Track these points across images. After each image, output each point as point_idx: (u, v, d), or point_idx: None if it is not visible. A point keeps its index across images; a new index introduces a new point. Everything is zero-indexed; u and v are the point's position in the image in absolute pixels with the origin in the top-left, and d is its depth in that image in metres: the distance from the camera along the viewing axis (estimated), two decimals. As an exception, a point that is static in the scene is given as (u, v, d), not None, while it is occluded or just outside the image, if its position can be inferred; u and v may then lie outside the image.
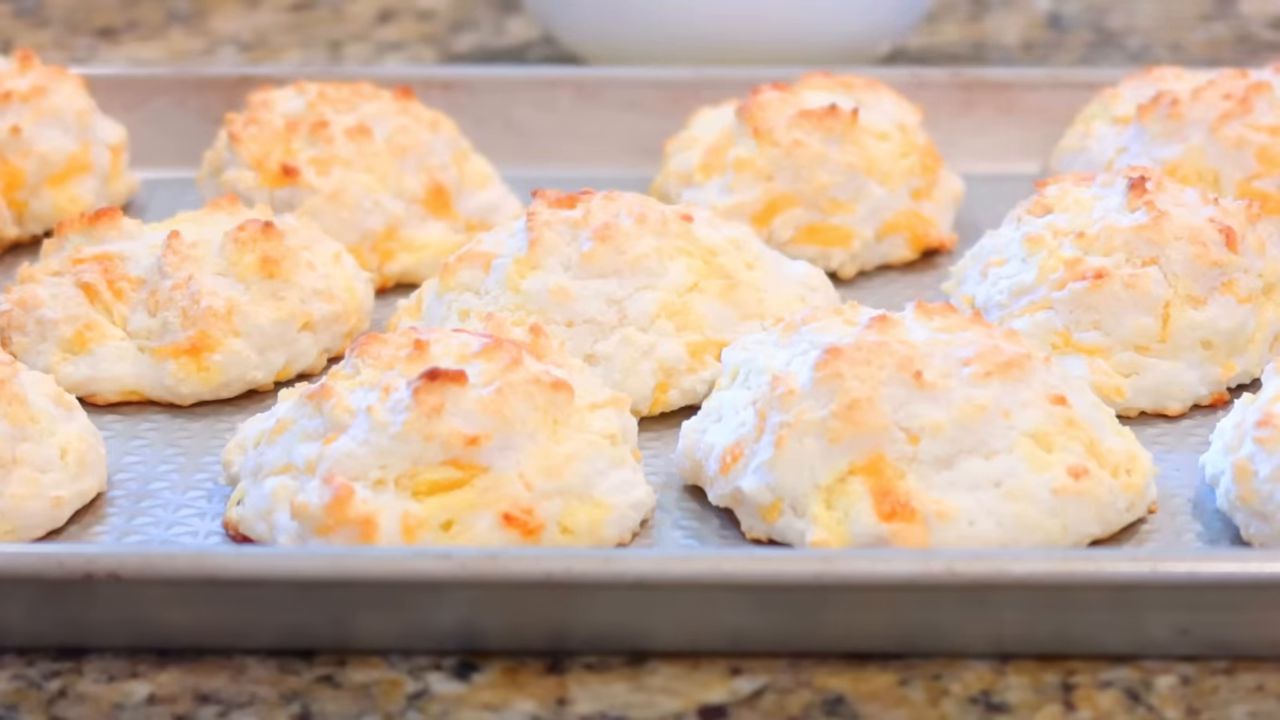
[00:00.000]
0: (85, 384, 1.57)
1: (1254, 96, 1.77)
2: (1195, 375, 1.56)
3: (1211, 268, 1.56)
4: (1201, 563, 1.29)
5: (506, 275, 1.58)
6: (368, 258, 1.74)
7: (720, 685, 1.29)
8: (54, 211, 1.82)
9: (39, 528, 1.41)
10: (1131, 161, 1.79)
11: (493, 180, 1.85)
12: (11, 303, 1.61)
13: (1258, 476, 1.36)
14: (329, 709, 1.28)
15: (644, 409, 1.54)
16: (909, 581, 1.28)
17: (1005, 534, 1.35)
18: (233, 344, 1.57)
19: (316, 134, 1.77)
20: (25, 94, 1.84)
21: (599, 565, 1.29)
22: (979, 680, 1.29)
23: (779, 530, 1.38)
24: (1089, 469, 1.37)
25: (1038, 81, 2.01)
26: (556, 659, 1.31)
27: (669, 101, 1.97)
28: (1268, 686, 1.29)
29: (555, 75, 2.06)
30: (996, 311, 1.59)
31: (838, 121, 1.76)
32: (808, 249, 1.75)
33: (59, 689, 1.30)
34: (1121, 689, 1.29)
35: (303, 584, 1.29)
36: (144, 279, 1.60)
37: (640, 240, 1.58)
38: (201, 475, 1.49)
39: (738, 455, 1.41)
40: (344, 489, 1.34)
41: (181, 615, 1.31)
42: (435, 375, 1.36)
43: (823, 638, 1.31)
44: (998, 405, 1.38)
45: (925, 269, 1.78)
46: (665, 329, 1.56)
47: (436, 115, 1.84)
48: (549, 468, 1.37)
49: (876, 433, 1.36)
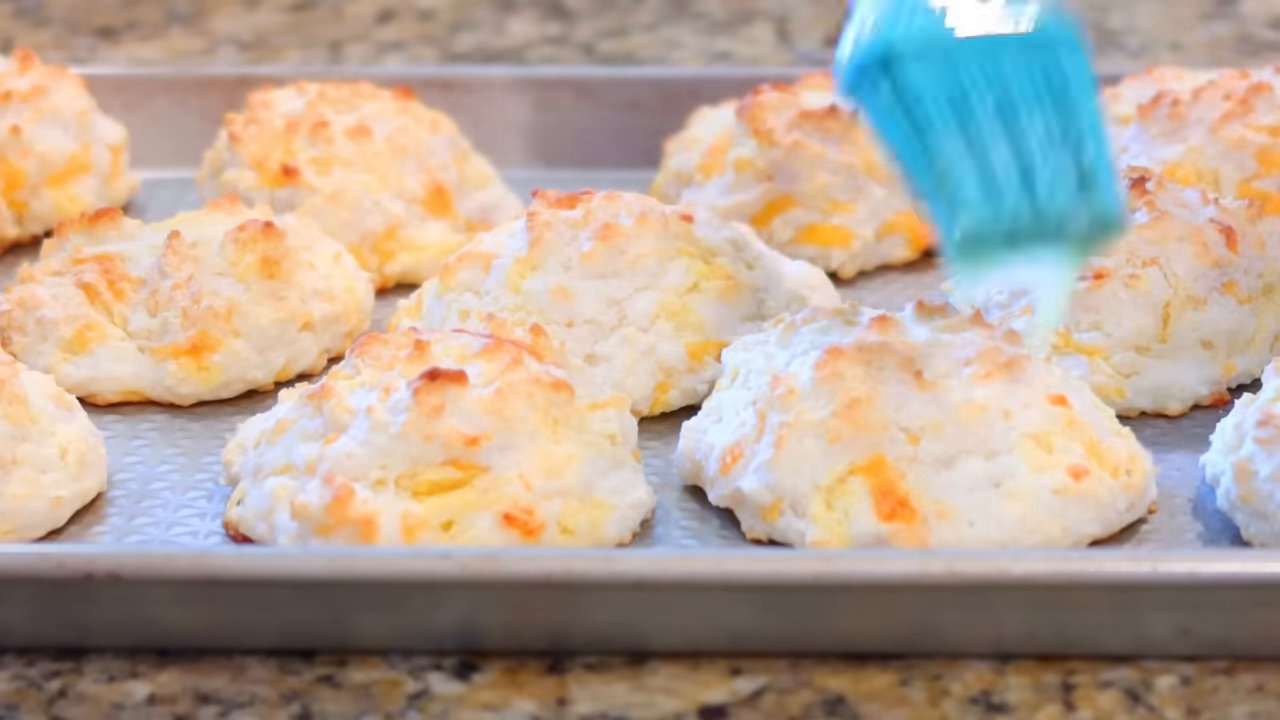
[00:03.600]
0: (85, 384, 1.57)
1: (1254, 96, 1.77)
2: (1195, 375, 1.55)
3: (1211, 268, 1.56)
4: (1201, 563, 1.29)
5: (507, 275, 1.58)
6: (368, 258, 1.74)
7: (720, 685, 1.29)
8: (54, 211, 1.82)
9: (39, 528, 1.41)
10: (1132, 161, 1.78)
11: (493, 180, 1.85)
12: (11, 303, 1.61)
13: (1258, 476, 1.36)
14: (329, 709, 1.28)
15: (644, 409, 1.54)
16: (909, 581, 1.28)
17: (1005, 534, 1.35)
18: (233, 344, 1.57)
19: (316, 134, 1.77)
20: (25, 94, 1.84)
21: (599, 565, 1.29)
22: (979, 680, 1.30)
23: (779, 530, 1.38)
24: (1089, 469, 1.37)
25: (1038, 81, 2.00)
26: (556, 659, 1.31)
27: (669, 101, 1.97)
28: (1268, 686, 1.29)
29: (555, 75, 2.06)
30: (996, 311, 1.59)
31: (838, 122, 1.76)
32: (808, 249, 1.75)
33: (59, 689, 1.30)
34: (1121, 689, 1.29)
35: (303, 584, 1.29)
36: (144, 279, 1.60)
37: (640, 240, 1.58)
38: (201, 475, 1.49)
39: (738, 455, 1.41)
40: (344, 489, 1.34)
41: (181, 615, 1.31)
42: (435, 375, 1.36)
43: (823, 638, 1.31)
44: (998, 405, 1.38)
45: (925, 269, 1.78)
46: (665, 329, 1.56)
47: (436, 115, 1.83)
48: (549, 468, 1.37)
49: (876, 433, 1.36)
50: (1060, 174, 1.31)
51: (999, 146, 1.31)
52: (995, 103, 1.32)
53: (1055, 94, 1.33)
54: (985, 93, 1.32)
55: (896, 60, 1.33)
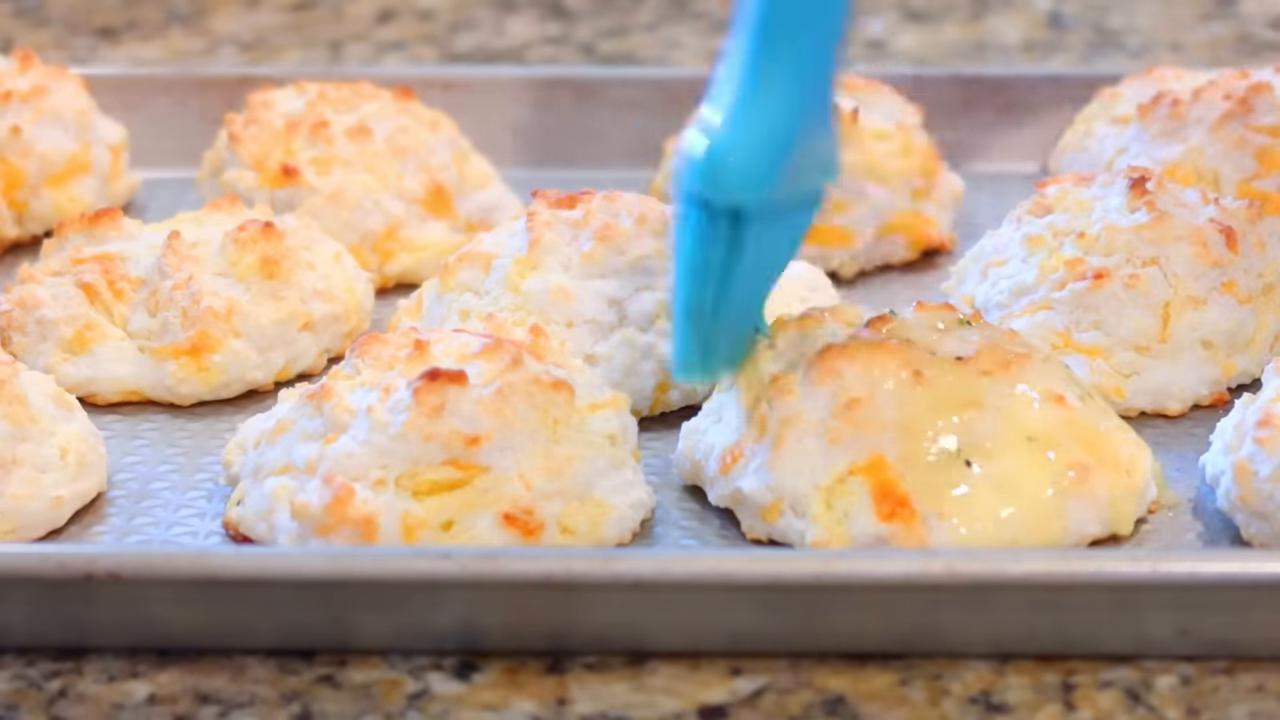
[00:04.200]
0: (85, 384, 1.57)
1: (1254, 96, 1.77)
2: (1195, 375, 1.55)
3: (1211, 268, 1.56)
4: (1201, 563, 1.29)
5: (506, 275, 1.58)
6: (368, 258, 1.74)
7: (720, 685, 1.29)
8: (54, 211, 1.82)
9: (39, 528, 1.41)
10: (1131, 161, 1.79)
11: (493, 180, 1.85)
12: (11, 303, 1.61)
13: (1258, 476, 1.36)
14: (329, 709, 1.28)
15: (644, 409, 1.54)
16: (909, 581, 1.28)
17: (1005, 534, 1.35)
18: (233, 344, 1.57)
19: (316, 134, 1.77)
20: (25, 94, 1.84)
21: (599, 565, 1.29)
22: (979, 680, 1.29)
23: (779, 530, 1.38)
24: (1089, 468, 1.37)
25: (1038, 81, 2.01)
26: (556, 659, 1.31)
27: (669, 101, 1.96)
28: (1268, 686, 1.29)
29: (555, 75, 2.06)
30: (996, 311, 1.59)
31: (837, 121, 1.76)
32: (808, 249, 1.74)
33: (59, 689, 1.30)
34: (1121, 689, 1.29)
35: (303, 584, 1.29)
36: (144, 279, 1.60)
37: (640, 240, 1.58)
38: (201, 475, 1.49)
39: (738, 455, 1.41)
40: (344, 489, 1.34)
41: (181, 615, 1.31)
42: (435, 375, 1.36)
43: (823, 638, 1.31)
44: (998, 405, 1.38)
45: (925, 269, 1.78)
46: (665, 329, 1.56)
47: (436, 115, 1.83)
48: (549, 468, 1.37)
49: (876, 433, 1.36)
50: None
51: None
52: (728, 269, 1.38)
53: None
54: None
55: (748, 220, 1.36)
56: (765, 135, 1.35)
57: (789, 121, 1.35)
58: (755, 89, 1.35)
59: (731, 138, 1.35)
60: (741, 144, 1.35)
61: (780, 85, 1.35)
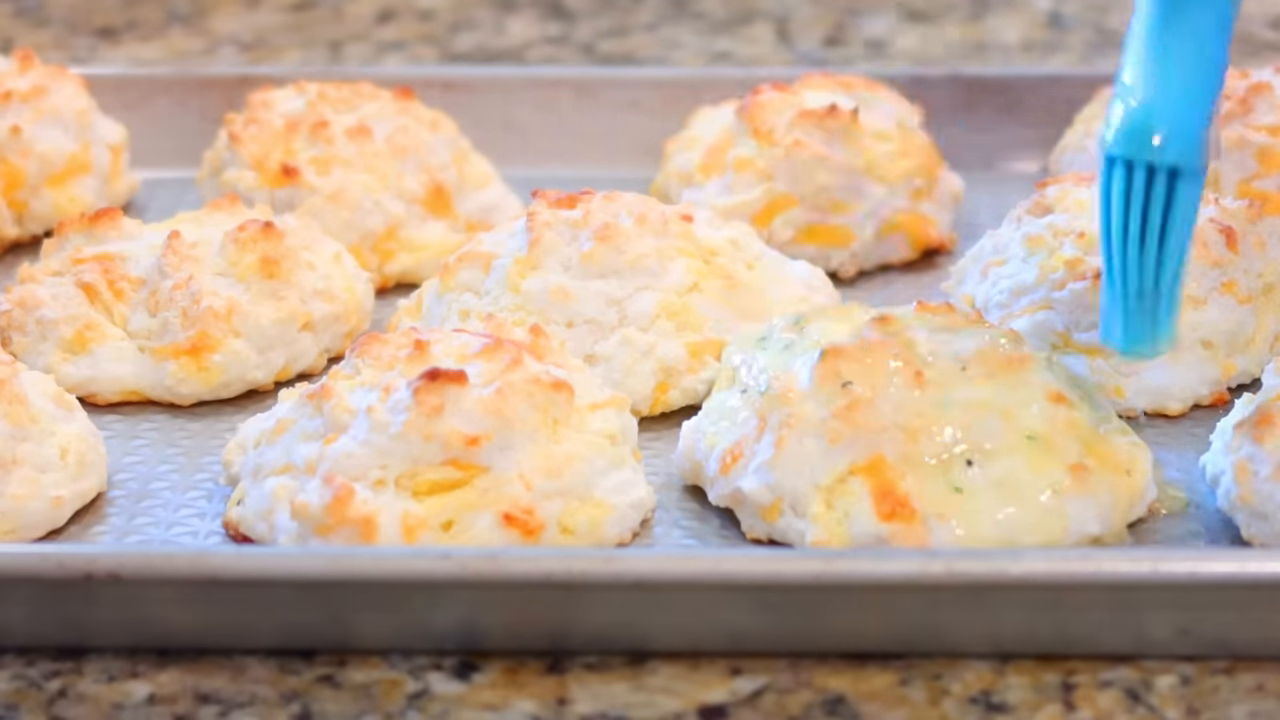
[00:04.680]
0: (85, 384, 1.57)
1: (1254, 96, 1.77)
2: (1195, 375, 1.55)
3: (1212, 267, 1.56)
4: (1201, 563, 1.29)
5: (506, 275, 1.58)
6: (368, 258, 1.74)
7: (720, 685, 1.29)
8: (54, 211, 1.82)
9: (39, 528, 1.41)
10: (1132, 161, 1.78)
11: (493, 180, 1.85)
12: (11, 303, 1.61)
13: (1258, 476, 1.36)
14: (329, 709, 1.28)
15: (644, 409, 1.54)
16: (909, 581, 1.28)
17: (1005, 534, 1.35)
18: (233, 344, 1.57)
19: (316, 134, 1.77)
20: (25, 94, 1.84)
21: (599, 565, 1.29)
22: (979, 680, 1.30)
23: (779, 530, 1.38)
24: (1089, 468, 1.37)
25: (1038, 81, 2.01)
26: (556, 659, 1.31)
27: (669, 101, 1.97)
28: (1268, 686, 1.29)
29: (555, 75, 2.06)
30: (996, 311, 1.59)
31: (838, 121, 1.76)
32: (808, 249, 1.75)
33: (59, 689, 1.30)
34: (1121, 689, 1.29)
35: (303, 584, 1.29)
36: (144, 279, 1.60)
37: (640, 240, 1.58)
38: (201, 475, 1.49)
39: (738, 455, 1.41)
40: (344, 489, 1.34)
41: (181, 615, 1.31)
42: (435, 375, 1.36)
43: (823, 638, 1.31)
44: (998, 405, 1.38)
45: (925, 269, 1.78)
46: (665, 329, 1.56)
47: (436, 115, 1.83)
48: (549, 468, 1.37)
49: (876, 433, 1.36)
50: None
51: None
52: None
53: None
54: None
55: (1186, 178, 1.38)
56: (1193, 94, 1.39)
57: (1212, 80, 1.39)
58: (1177, 51, 1.39)
59: (1164, 99, 1.38)
60: (1175, 104, 1.38)
61: (1194, 46, 1.39)
